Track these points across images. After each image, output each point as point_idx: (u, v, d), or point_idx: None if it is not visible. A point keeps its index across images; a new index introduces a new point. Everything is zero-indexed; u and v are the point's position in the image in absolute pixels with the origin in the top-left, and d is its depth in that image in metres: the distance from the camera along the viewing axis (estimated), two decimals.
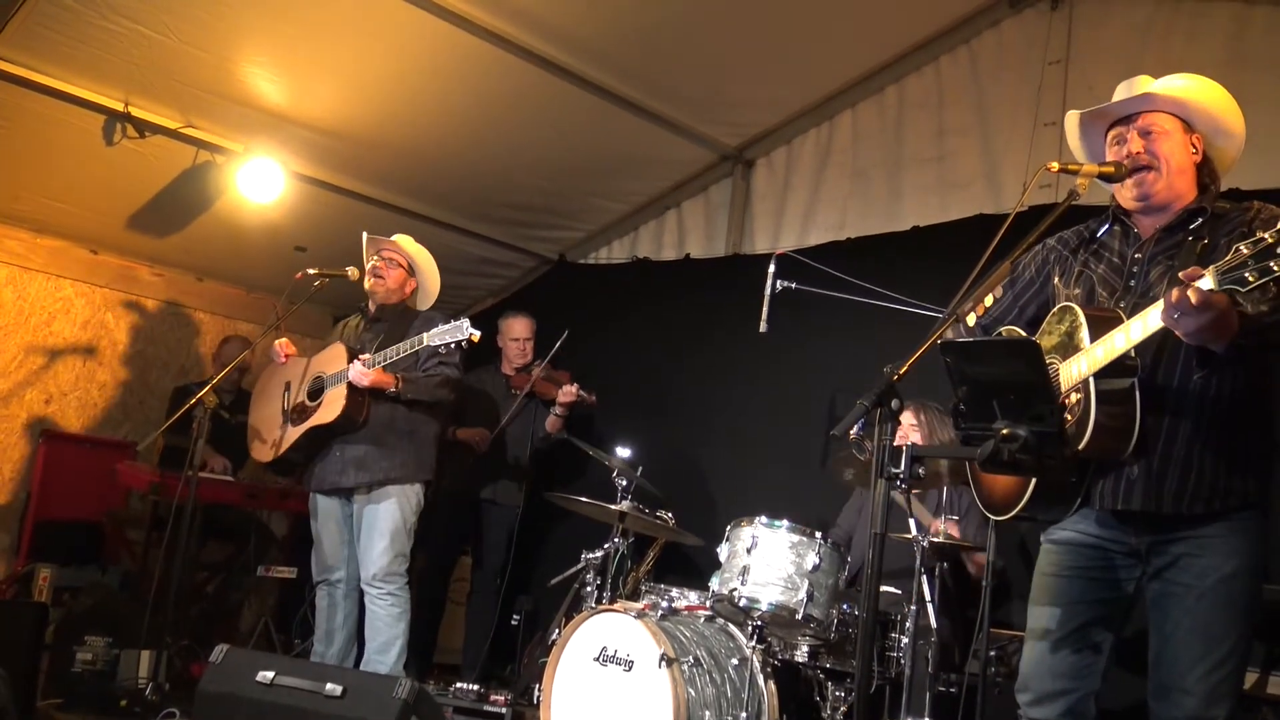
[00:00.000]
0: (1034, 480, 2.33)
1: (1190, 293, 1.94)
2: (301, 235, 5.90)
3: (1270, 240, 1.83)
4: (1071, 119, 2.53)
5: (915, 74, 5.18)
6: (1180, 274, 1.99)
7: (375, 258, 4.41)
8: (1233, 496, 2.22)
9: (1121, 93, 2.45)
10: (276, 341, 4.48)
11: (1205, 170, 2.40)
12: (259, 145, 5.15)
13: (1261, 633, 3.14)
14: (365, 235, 4.46)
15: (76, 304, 6.18)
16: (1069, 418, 2.22)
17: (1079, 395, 2.21)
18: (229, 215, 5.57)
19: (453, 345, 3.92)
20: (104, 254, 6.16)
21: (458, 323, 3.88)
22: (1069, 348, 2.27)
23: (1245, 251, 1.85)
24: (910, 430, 4.05)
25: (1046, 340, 2.34)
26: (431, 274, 4.52)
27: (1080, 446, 2.18)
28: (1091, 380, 2.18)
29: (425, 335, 3.93)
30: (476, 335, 3.90)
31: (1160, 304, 2.03)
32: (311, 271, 4.35)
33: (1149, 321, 2.09)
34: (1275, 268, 1.81)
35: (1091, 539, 2.36)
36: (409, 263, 4.45)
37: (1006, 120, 4.78)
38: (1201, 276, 1.93)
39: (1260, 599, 2.30)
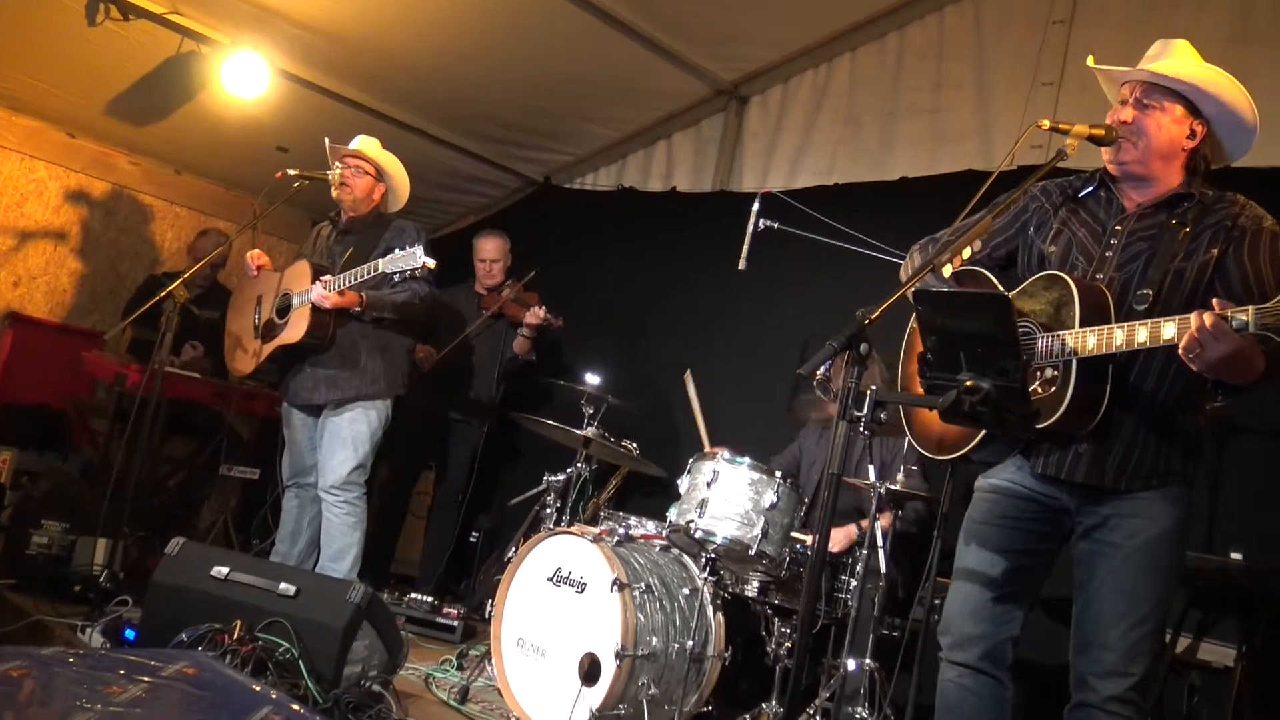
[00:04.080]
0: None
1: (1206, 317, 1.93)
2: (284, 135, 5.80)
3: None
4: (1093, 72, 2.49)
5: (919, 22, 5.11)
6: (1215, 302, 1.98)
7: (339, 166, 4.30)
8: (1171, 475, 2.28)
9: (1155, 50, 2.40)
10: (249, 254, 4.41)
11: (1198, 156, 2.36)
12: (246, 38, 5.02)
13: (1196, 599, 3.23)
14: (327, 142, 4.36)
15: (50, 187, 6.07)
16: (1039, 390, 2.23)
17: (1055, 372, 2.22)
18: (211, 109, 5.45)
19: (411, 272, 3.85)
20: (81, 138, 6.04)
21: (412, 250, 3.81)
22: (1055, 320, 2.26)
23: None
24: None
25: (1028, 303, 2.33)
26: (400, 177, 4.42)
27: (1050, 422, 2.20)
28: (1074, 363, 2.18)
29: (381, 262, 3.86)
30: (431, 263, 3.82)
31: (1175, 320, 2.03)
32: (292, 172, 4.24)
33: (1163, 332, 2.07)
34: None
35: (1026, 491, 2.41)
36: (376, 168, 4.36)
37: (1005, 77, 4.73)
38: (1239, 310, 1.92)
39: (1183, 563, 2.38)
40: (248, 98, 5.17)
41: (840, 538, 3.92)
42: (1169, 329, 2.05)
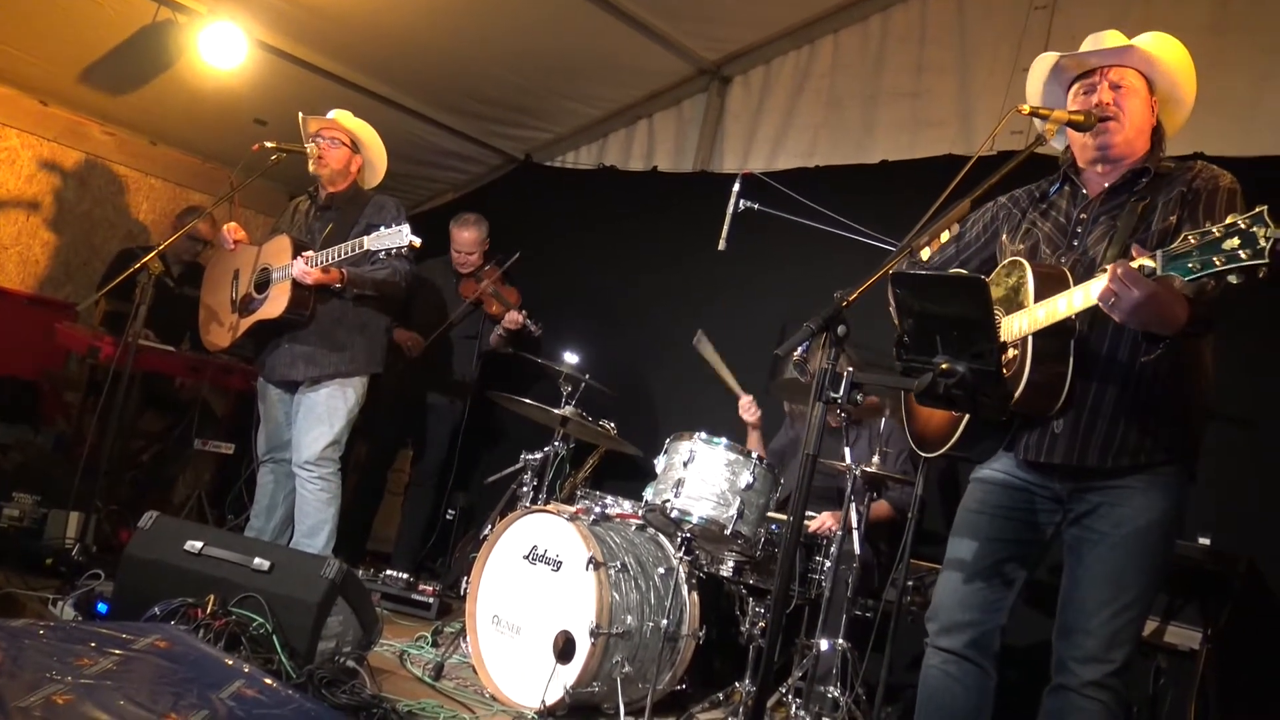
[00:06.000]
0: (966, 419, 2.38)
1: (1119, 266, 1.94)
2: (262, 107, 5.73)
3: (1217, 234, 1.80)
4: (1044, 61, 2.51)
5: (902, 5, 5.12)
6: (1133, 249, 1.98)
7: (315, 140, 4.24)
8: (1158, 451, 2.27)
9: (1089, 45, 2.43)
10: (225, 227, 4.35)
11: (1157, 133, 2.42)
12: (223, 8, 4.95)
13: (1165, 584, 3.27)
14: (301, 115, 4.30)
15: (23, 155, 5.97)
16: (1004, 371, 2.24)
17: (1016, 351, 2.24)
18: (187, 79, 5.37)
19: (396, 250, 3.83)
20: (54, 106, 5.93)
21: (398, 228, 3.78)
22: (1013, 303, 2.29)
23: (1192, 241, 1.84)
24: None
25: (994, 291, 2.34)
26: (376, 149, 4.37)
27: (1012, 402, 2.21)
28: (1030, 339, 2.20)
29: (366, 240, 3.84)
30: (417, 242, 3.79)
31: (1104, 276, 2.03)
32: (269, 145, 4.19)
33: (1091, 292, 2.09)
34: (1218, 262, 1.79)
35: (1018, 480, 2.43)
36: (351, 140, 4.31)
37: (986, 62, 4.75)
38: (1147, 256, 1.92)
39: (1172, 552, 2.37)
40: (225, 69, 5.10)
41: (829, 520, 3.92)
42: (1097, 286, 2.06)
